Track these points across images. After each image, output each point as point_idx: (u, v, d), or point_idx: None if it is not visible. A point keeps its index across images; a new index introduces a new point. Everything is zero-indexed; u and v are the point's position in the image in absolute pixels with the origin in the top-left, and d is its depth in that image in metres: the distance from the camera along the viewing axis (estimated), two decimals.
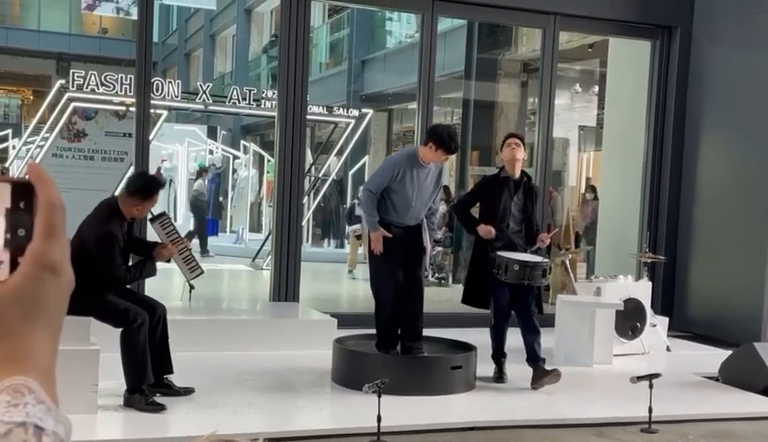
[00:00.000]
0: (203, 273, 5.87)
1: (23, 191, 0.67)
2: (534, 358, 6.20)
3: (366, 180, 16.52)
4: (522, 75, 13.73)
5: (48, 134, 12.47)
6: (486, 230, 6.15)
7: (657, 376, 5.31)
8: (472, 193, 6.62)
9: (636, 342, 7.55)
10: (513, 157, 6.24)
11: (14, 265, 0.67)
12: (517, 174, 6.30)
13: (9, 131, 16.64)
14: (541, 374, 6.13)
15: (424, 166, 5.97)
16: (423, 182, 5.98)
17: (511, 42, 13.55)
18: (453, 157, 6.21)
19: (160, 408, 5.12)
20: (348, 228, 13.52)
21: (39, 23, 27.46)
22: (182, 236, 5.71)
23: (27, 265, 0.67)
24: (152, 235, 6.01)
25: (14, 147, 14.87)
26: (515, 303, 6.27)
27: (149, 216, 5.59)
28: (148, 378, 5.12)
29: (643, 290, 7.69)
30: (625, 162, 10.01)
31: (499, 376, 6.37)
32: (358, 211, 13.51)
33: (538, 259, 6.14)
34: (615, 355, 7.22)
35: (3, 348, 0.66)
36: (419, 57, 8.72)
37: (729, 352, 6.94)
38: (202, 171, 17.09)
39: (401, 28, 19.31)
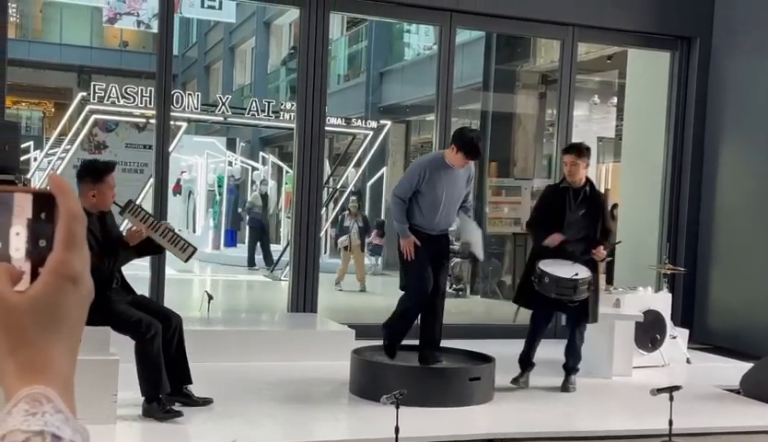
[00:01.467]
0: (196, 250, 5.51)
1: (44, 202, 0.68)
2: (564, 366, 6.49)
3: (384, 191, 16.56)
4: (540, 87, 13.71)
5: (69, 146, 12.59)
6: (554, 238, 6.25)
7: (677, 388, 5.26)
8: (541, 208, 6.54)
9: (656, 354, 7.49)
10: (572, 178, 6.32)
11: (34, 275, 0.68)
12: (579, 183, 6.34)
13: (31, 143, 16.81)
14: (565, 383, 6.45)
15: (451, 167, 5.96)
16: (451, 183, 5.97)
17: (529, 54, 13.54)
18: (472, 167, 6.21)
19: (177, 414, 5.14)
20: (338, 240, 13.45)
21: (60, 36, 27.75)
22: (158, 218, 5.55)
23: (47, 275, 0.68)
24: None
25: (35, 159, 15.03)
26: (567, 315, 6.49)
27: (118, 211, 5.36)
28: (164, 388, 5.14)
29: (662, 302, 7.63)
30: (644, 173, 9.96)
31: (515, 378, 6.39)
32: (347, 222, 13.48)
33: (568, 275, 6.14)
34: (635, 368, 7.17)
35: (22, 357, 0.67)
36: (437, 69, 8.73)
37: (750, 364, 6.87)
38: (262, 183, 16.80)
39: (420, 40, 19.35)
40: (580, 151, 6.41)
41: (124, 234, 5.26)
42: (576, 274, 6.15)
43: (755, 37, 8.75)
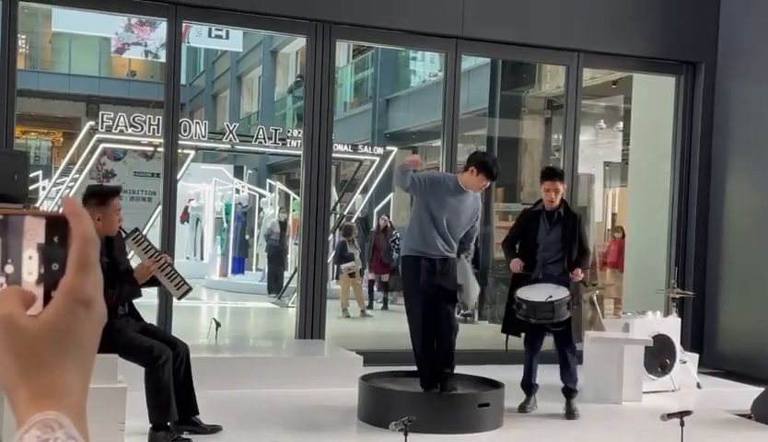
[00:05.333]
0: (191, 289, 5.46)
1: (57, 226, 0.68)
2: (564, 390, 6.42)
3: (391, 216, 16.55)
4: (546, 112, 13.76)
5: (77, 175, 12.68)
6: (514, 264, 6.34)
7: (688, 413, 5.22)
8: (514, 228, 6.72)
9: (666, 379, 7.44)
10: (552, 203, 6.35)
11: (47, 299, 0.68)
12: (554, 206, 6.37)
13: (40, 172, 16.92)
14: (569, 410, 6.37)
15: (463, 192, 5.95)
16: (456, 208, 5.94)
17: (535, 79, 13.61)
18: (479, 202, 6.21)
19: None
20: (342, 266, 13.38)
21: (69, 67, 27.99)
22: (160, 250, 5.47)
23: (60, 298, 0.67)
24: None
25: (44, 188, 15.11)
26: (555, 338, 6.46)
27: (123, 236, 5.32)
28: (173, 415, 5.12)
29: (672, 326, 7.59)
30: (651, 197, 9.96)
31: (522, 405, 6.38)
32: (350, 249, 13.45)
33: (541, 299, 6.14)
34: (645, 393, 7.12)
35: (35, 382, 0.67)
36: (443, 95, 8.77)
37: (761, 388, 6.82)
38: (281, 211, 16.45)
39: (425, 66, 19.46)
40: (560, 175, 6.48)
41: (135, 273, 5.17)
42: (551, 296, 6.14)
43: (760, 60, 8.78)
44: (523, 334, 6.47)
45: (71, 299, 0.67)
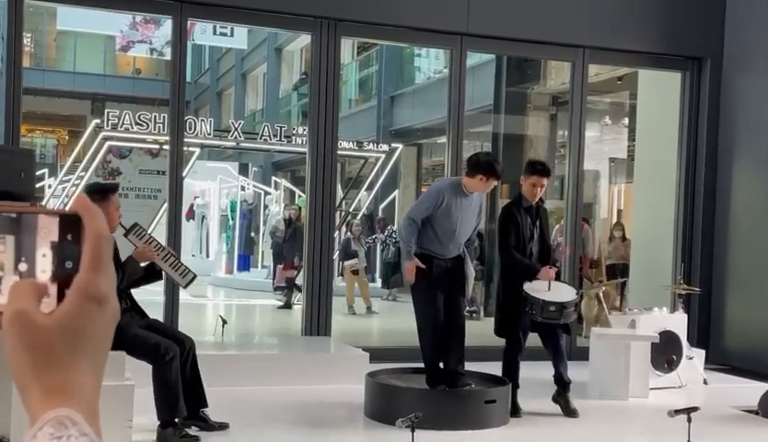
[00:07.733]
0: (195, 276, 5.54)
1: (70, 224, 0.68)
2: (560, 379, 6.35)
3: (396, 214, 16.57)
4: (551, 108, 13.74)
5: (83, 173, 12.70)
6: (547, 272, 6.14)
7: (695, 409, 5.21)
8: (513, 230, 6.29)
9: (673, 375, 7.43)
10: (534, 196, 6.26)
11: (61, 297, 0.68)
12: (535, 201, 6.34)
13: (45, 170, 16.95)
14: (563, 397, 6.32)
15: (467, 195, 5.99)
16: (466, 211, 6.00)
17: (540, 76, 13.58)
18: (483, 200, 6.24)
19: (194, 439, 5.13)
20: (344, 264, 13.31)
21: (74, 65, 28.03)
22: (162, 243, 5.46)
23: (73, 296, 0.68)
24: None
25: (50, 186, 15.14)
26: (542, 332, 6.34)
27: (122, 233, 5.28)
28: (181, 412, 5.13)
29: (678, 322, 7.58)
30: (657, 193, 9.93)
31: (516, 407, 6.28)
32: (354, 246, 13.41)
33: (572, 297, 6.13)
34: (651, 389, 7.11)
35: (48, 379, 0.67)
36: (448, 92, 8.76)
37: None
38: (286, 208, 16.08)
39: (430, 63, 19.44)
40: (548, 171, 6.36)
41: (132, 254, 5.17)
42: (577, 293, 6.18)
43: (765, 56, 8.75)
44: (511, 334, 6.37)
45: (84, 297, 0.67)
